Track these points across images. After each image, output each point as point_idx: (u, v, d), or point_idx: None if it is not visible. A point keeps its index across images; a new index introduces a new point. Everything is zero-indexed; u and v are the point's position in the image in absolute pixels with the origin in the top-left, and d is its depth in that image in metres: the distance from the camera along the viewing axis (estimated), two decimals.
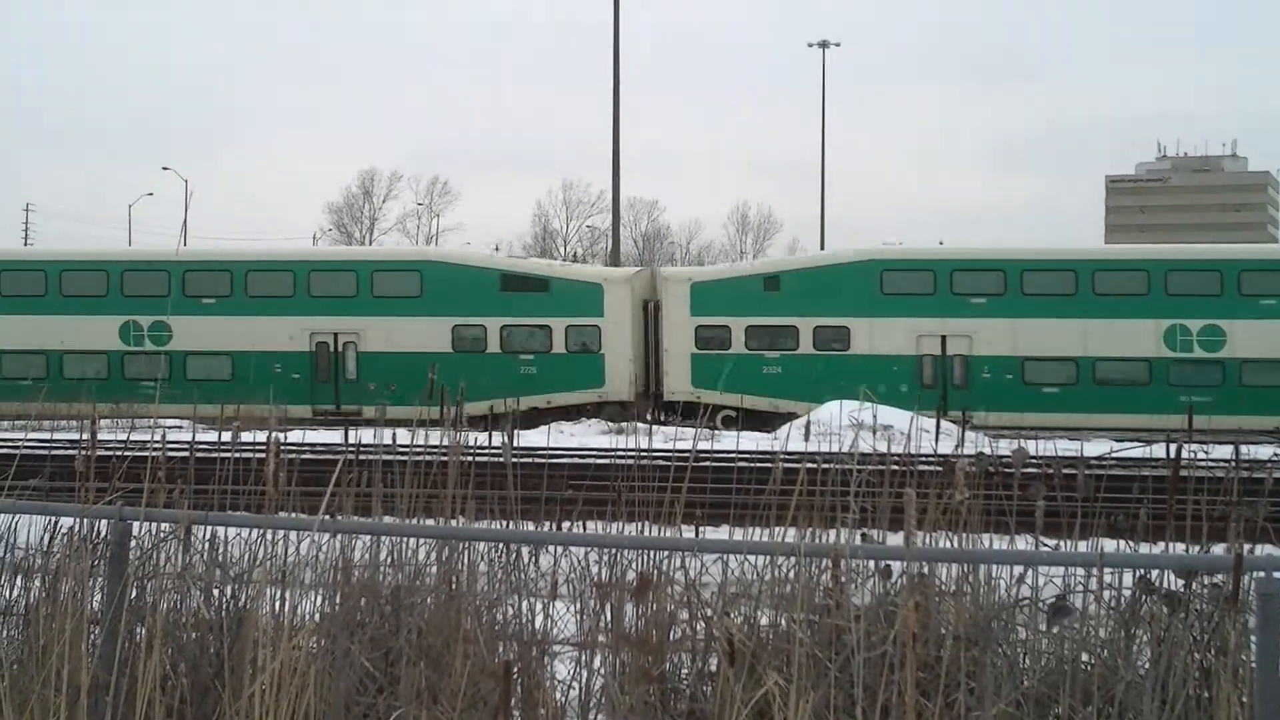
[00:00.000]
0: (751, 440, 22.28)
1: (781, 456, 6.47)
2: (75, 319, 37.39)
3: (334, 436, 20.46)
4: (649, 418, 33.32)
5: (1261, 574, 4.94)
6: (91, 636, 5.81)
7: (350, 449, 7.33)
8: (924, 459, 6.80)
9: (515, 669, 5.68)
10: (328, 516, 5.97)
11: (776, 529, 6.13)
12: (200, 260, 40.08)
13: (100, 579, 5.95)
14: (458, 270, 37.75)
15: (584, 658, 5.90)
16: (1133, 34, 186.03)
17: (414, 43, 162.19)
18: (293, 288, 37.51)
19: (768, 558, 5.81)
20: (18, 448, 7.83)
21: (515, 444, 7.47)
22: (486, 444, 8.48)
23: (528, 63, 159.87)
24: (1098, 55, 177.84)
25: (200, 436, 8.50)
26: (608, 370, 36.51)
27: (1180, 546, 5.99)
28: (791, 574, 5.74)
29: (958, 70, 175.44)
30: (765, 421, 32.59)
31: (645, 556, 6.10)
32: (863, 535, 6.01)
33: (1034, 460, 6.66)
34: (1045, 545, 6.13)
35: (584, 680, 5.86)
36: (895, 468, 6.22)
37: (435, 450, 6.75)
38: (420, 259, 41.09)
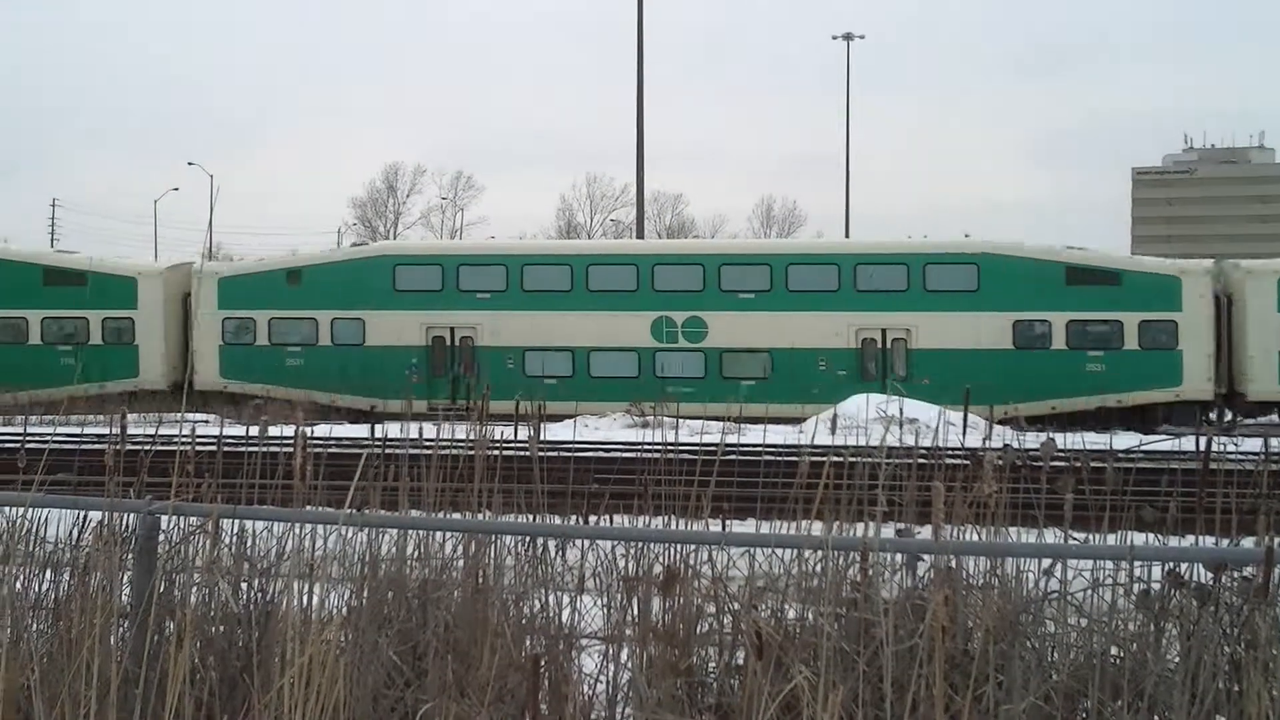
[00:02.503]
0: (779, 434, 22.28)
1: (807, 450, 6.45)
2: None
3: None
4: None
5: None
6: (121, 630, 5.84)
7: (377, 443, 7.35)
8: (950, 452, 6.77)
9: (543, 662, 5.69)
10: (354, 510, 5.98)
11: (803, 522, 6.11)
12: None
13: (129, 573, 5.98)
14: None
15: (611, 651, 5.90)
16: (1160, 26, 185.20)
17: (439, 38, 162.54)
18: None
19: (795, 551, 5.80)
20: (47, 442, 7.86)
21: (541, 438, 7.47)
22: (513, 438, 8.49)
23: (553, 58, 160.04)
24: (1126, 48, 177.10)
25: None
26: None
27: (1210, 539, 5.96)
28: (819, 567, 5.73)
29: (987, 65, 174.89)
30: None
31: (672, 550, 6.09)
32: (898, 531, 5.99)
33: (1062, 453, 6.62)
34: (1074, 538, 6.10)
35: (611, 674, 5.86)
36: (922, 460, 6.20)
37: (461, 444, 6.76)
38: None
